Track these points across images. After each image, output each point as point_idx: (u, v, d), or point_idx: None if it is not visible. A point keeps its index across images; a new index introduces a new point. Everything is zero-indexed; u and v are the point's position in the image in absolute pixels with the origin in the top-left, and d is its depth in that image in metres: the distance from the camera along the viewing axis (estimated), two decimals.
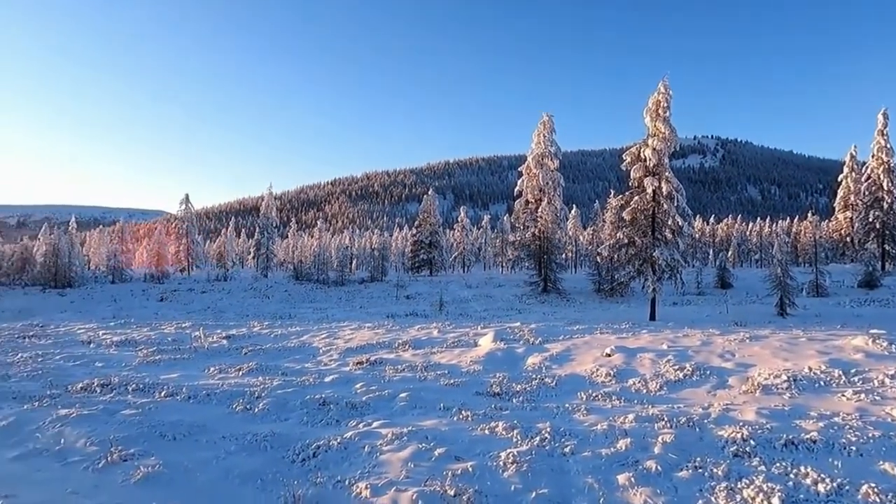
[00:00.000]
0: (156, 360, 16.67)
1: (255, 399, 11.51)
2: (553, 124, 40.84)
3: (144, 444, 9.14)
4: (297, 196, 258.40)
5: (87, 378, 13.67)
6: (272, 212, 55.40)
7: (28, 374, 14.50)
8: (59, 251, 45.42)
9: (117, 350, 18.90)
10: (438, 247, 55.37)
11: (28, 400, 11.69)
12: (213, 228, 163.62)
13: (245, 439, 9.28)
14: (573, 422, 9.87)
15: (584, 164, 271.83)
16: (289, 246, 64.07)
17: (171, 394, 11.99)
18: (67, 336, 22.53)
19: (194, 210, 56.57)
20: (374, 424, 9.92)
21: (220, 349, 18.66)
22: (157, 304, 36.75)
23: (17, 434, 9.87)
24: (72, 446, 9.23)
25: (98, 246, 68.11)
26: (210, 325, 24.92)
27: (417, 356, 16.55)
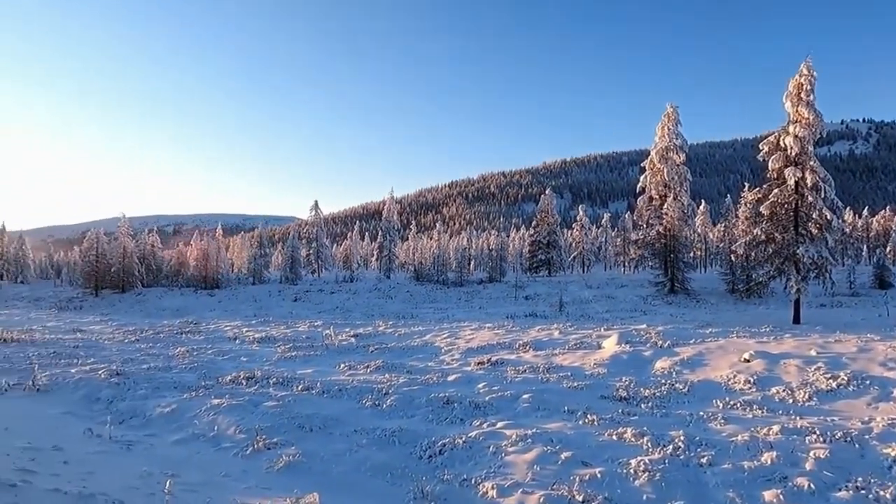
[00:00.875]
0: (292, 356, 17.88)
1: (382, 395, 11.97)
2: (678, 116, 38.71)
3: (285, 435, 9.83)
4: (416, 199, 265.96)
5: (234, 371, 14.94)
6: (393, 215, 57.42)
7: (185, 366, 16.13)
8: (208, 256, 50.26)
9: (259, 346, 20.51)
10: (557, 247, 54.46)
11: (186, 389, 13.01)
12: (340, 232, 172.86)
13: (375, 434, 9.67)
14: (709, 431, 9.26)
15: (712, 156, 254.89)
16: (409, 248, 66.13)
17: (307, 388, 12.78)
18: (216, 333, 24.82)
19: (322, 215, 60.02)
20: (497, 425, 9.93)
21: (348, 347, 19.63)
22: (291, 304, 39.45)
23: (178, 420, 11.02)
24: (223, 433, 10.14)
25: (240, 250, 74.45)
26: (339, 324, 26.31)
27: (538, 357, 16.36)
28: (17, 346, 20.85)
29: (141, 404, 12.09)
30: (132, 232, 52.57)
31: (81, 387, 13.64)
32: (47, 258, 79.12)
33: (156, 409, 11.57)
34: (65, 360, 17.27)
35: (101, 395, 12.97)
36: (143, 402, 12.18)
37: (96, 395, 13.03)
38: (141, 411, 11.65)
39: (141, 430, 10.59)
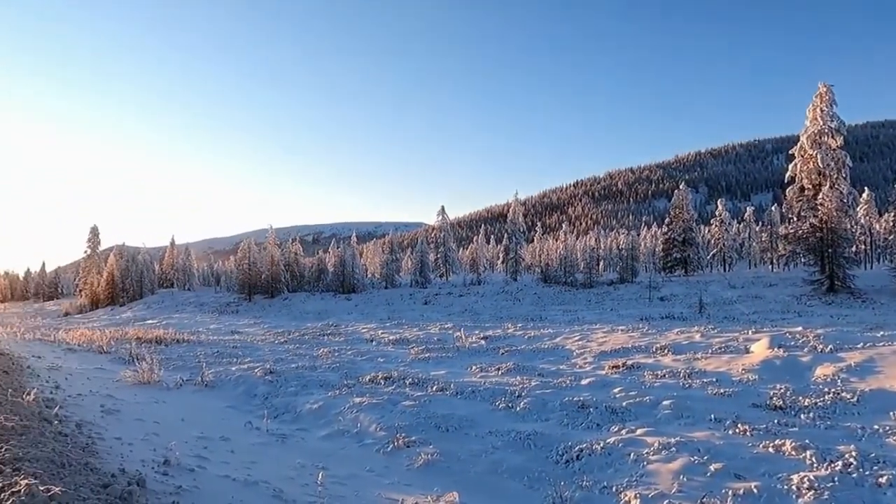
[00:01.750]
0: (425, 357, 18.43)
1: (515, 398, 11.96)
2: (832, 96, 34.85)
3: (423, 434, 10.14)
4: (541, 200, 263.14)
5: (372, 371, 15.70)
6: (518, 217, 57.26)
7: (329, 366, 17.21)
8: (345, 262, 53.32)
9: (394, 348, 21.39)
10: (693, 244, 51.23)
11: (331, 388, 13.87)
12: (465, 236, 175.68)
13: (510, 436, 9.68)
14: (887, 447, 8.20)
15: (874, 138, 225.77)
16: (535, 250, 65.46)
17: (441, 389, 13.10)
18: (354, 335, 26.25)
19: (449, 220, 61.33)
20: (637, 432, 9.53)
21: (479, 349, 19.87)
22: (422, 307, 40.71)
23: (324, 416, 11.78)
24: (366, 430, 10.68)
25: (373, 256, 78.21)
26: (469, 327, 26.71)
27: (678, 362, 15.49)
28: (188, 346, 23.49)
29: (292, 400, 13.09)
30: (278, 242, 57.15)
31: (241, 383, 15.04)
32: (208, 267, 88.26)
33: (305, 406, 12.46)
34: (226, 359, 19.16)
35: (257, 391, 14.22)
36: (294, 399, 13.17)
37: (253, 391, 14.30)
38: (292, 407, 12.60)
39: (293, 425, 11.45)
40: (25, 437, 6.75)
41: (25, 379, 12.63)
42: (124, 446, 7.80)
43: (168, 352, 21.15)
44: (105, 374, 15.97)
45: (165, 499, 5.56)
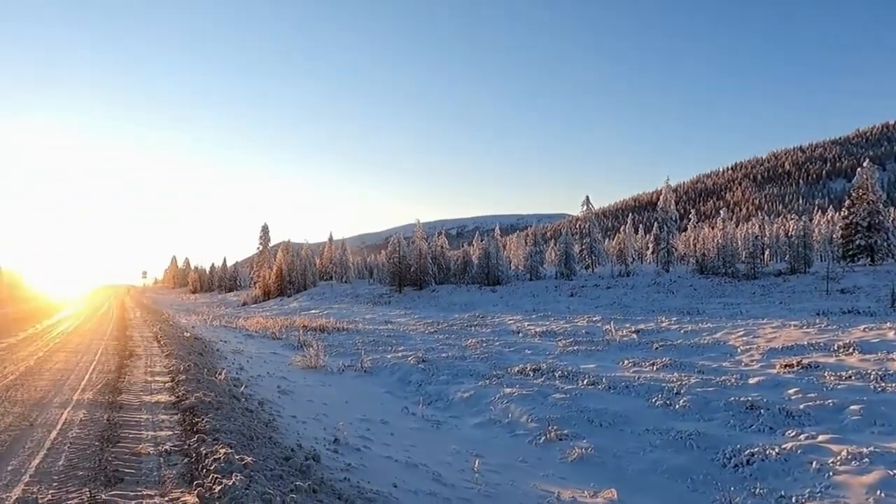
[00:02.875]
0: (574, 350, 18.08)
1: (673, 395, 11.30)
2: None
3: (575, 427, 9.95)
4: (694, 186, 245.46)
5: (520, 363, 15.72)
6: (670, 205, 54.04)
7: (477, 356, 17.52)
8: (489, 254, 53.97)
9: (540, 340, 21.25)
10: (881, 229, 44.78)
11: (480, 378, 14.11)
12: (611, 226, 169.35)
13: (669, 435, 9.18)
14: None
15: None
16: (689, 239, 61.36)
17: (592, 382, 12.76)
18: (501, 326, 26.47)
19: (594, 210, 59.52)
20: (819, 438, 8.56)
21: (630, 343, 19.08)
22: (567, 299, 39.99)
23: (476, 405, 12.02)
24: (517, 421, 10.72)
25: (516, 249, 78.23)
26: (618, 320, 25.75)
27: (867, 362, 13.67)
28: (347, 334, 25.23)
29: (444, 388, 13.52)
30: (425, 236, 59.30)
31: (396, 371, 15.82)
32: (362, 261, 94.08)
33: (456, 394, 12.81)
34: (381, 347, 20.29)
35: (411, 378, 14.87)
36: (446, 387, 13.59)
37: (408, 378, 14.97)
38: (444, 395, 13.02)
39: (445, 412, 11.83)
40: (220, 412, 7.66)
41: (216, 360, 14.35)
42: (299, 424, 8.56)
43: (330, 339, 22.86)
44: (278, 358, 17.67)
45: (338, 474, 6.00)
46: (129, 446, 6.12)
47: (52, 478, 5.11)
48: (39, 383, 9.91)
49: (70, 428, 6.84)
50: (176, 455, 5.84)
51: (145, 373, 11.29)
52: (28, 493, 4.73)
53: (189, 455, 5.78)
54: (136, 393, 9.17)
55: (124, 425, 7.03)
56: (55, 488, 4.84)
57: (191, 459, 5.64)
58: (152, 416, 7.54)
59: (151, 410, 7.91)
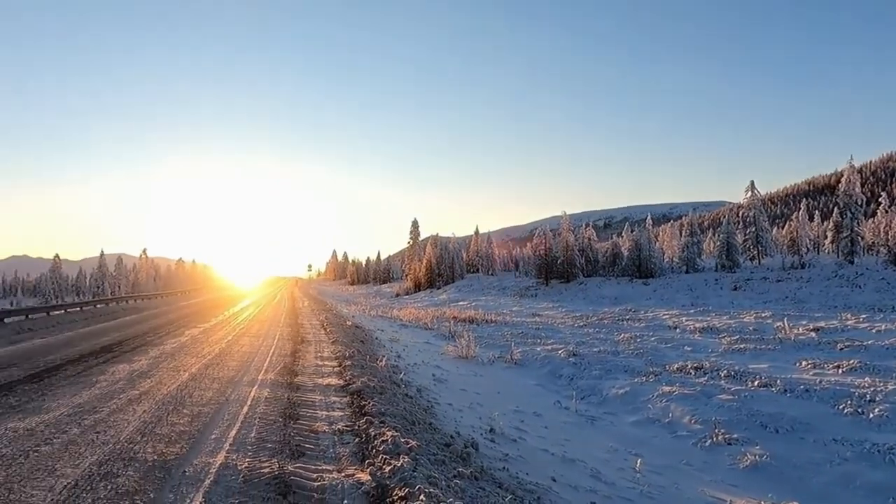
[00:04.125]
0: (740, 348, 16.66)
1: (865, 402, 9.98)
2: None
3: (745, 431, 9.18)
4: (884, 165, 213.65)
5: (679, 360, 14.83)
6: (855, 187, 47.57)
7: (631, 352, 16.82)
8: (640, 246, 51.47)
9: (700, 336, 19.85)
10: None
11: (635, 374, 13.54)
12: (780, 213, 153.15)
13: (862, 447, 8.12)
14: None
15: None
16: (878, 226, 53.68)
17: (765, 384, 11.66)
18: (655, 321, 25.14)
19: (760, 196, 54.25)
20: None
21: (807, 342, 17.15)
22: (730, 293, 36.93)
23: (632, 402, 11.54)
24: (678, 421, 10.13)
25: (670, 239, 73.84)
26: (792, 316, 23.25)
27: None
28: (495, 326, 25.50)
29: (596, 383, 13.16)
30: (571, 227, 58.02)
31: (546, 363, 15.69)
32: (507, 254, 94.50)
33: (610, 390, 12.40)
34: (530, 339, 20.23)
35: (562, 372, 14.67)
36: (598, 382, 13.22)
37: (558, 371, 14.78)
38: (598, 390, 12.66)
39: (599, 408, 11.50)
40: (383, 396, 8.12)
41: (376, 348, 15.25)
42: (455, 412, 8.82)
43: (479, 330, 23.25)
44: (431, 347, 18.34)
45: (496, 463, 6.09)
46: (307, 424, 6.71)
47: (246, 448, 5.76)
48: (230, 363, 11.23)
49: (258, 404, 7.66)
50: (348, 434, 6.30)
51: (315, 357, 12.30)
52: (229, 459, 5.38)
53: (359, 435, 6.20)
54: (309, 375, 10.03)
55: (301, 404, 7.72)
56: (250, 457, 5.45)
57: (361, 439, 6.04)
58: (325, 398, 8.19)
59: (324, 392, 8.60)
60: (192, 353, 12.81)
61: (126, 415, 7.05)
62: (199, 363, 11.22)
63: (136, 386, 8.91)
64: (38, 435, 6.19)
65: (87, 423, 6.64)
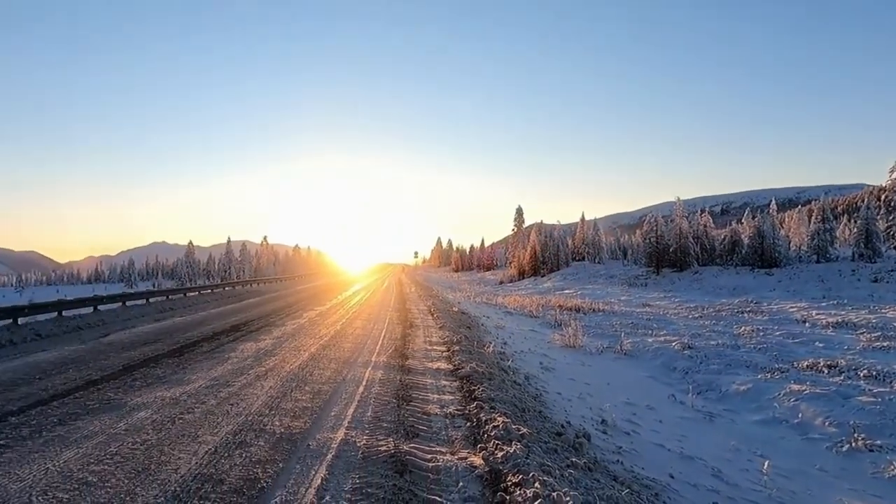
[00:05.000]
0: (882, 346, 15.06)
1: None
2: None
3: (891, 438, 8.31)
4: None
5: (810, 357, 13.67)
6: None
7: (753, 346, 15.72)
8: (763, 233, 47.82)
9: (834, 332, 18.16)
10: None
11: (759, 370, 12.64)
12: None
13: None
14: None
15: None
16: None
17: None
18: (780, 314, 23.32)
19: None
20: None
21: None
22: (870, 286, 33.43)
23: (755, 400, 10.79)
24: (809, 422, 9.34)
25: (797, 226, 68.03)
26: None
27: None
28: (603, 315, 24.82)
29: (714, 378, 12.43)
30: (685, 214, 55.04)
31: (659, 355, 15.05)
32: (615, 241, 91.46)
33: (731, 386, 11.66)
34: (641, 330, 19.48)
35: (676, 365, 14.00)
36: (717, 377, 12.48)
37: (672, 364, 14.13)
38: (716, 385, 11.96)
39: (718, 404, 10.86)
40: (492, 382, 8.17)
41: (482, 334, 15.36)
42: (564, 401, 8.69)
43: (586, 319, 22.72)
44: (537, 335, 18.18)
45: (610, 456, 5.94)
46: (419, 406, 6.89)
47: (363, 426, 6.02)
48: (345, 345, 11.78)
49: (372, 385, 7.98)
50: (459, 418, 6.40)
51: (424, 342, 12.60)
52: (349, 436, 5.65)
53: (470, 419, 6.28)
54: (419, 359, 10.29)
55: (413, 387, 7.94)
56: (367, 435, 5.69)
57: (472, 424, 6.12)
58: (435, 381, 8.38)
59: (434, 376, 8.80)
60: (311, 334, 13.57)
61: (255, 389, 7.61)
62: (317, 344, 11.87)
63: (263, 363, 9.59)
64: (181, 404, 6.84)
65: (222, 396, 7.24)
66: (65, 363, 9.83)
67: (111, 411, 6.53)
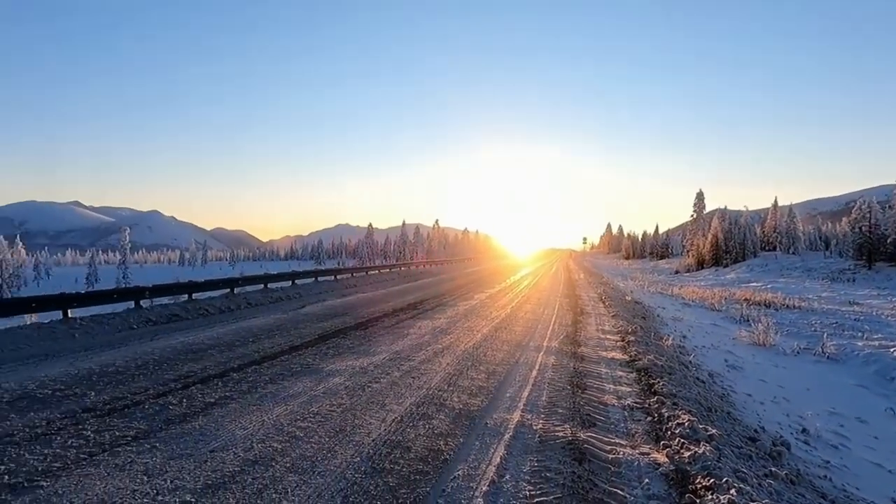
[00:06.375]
0: None
1: None
2: None
3: None
4: None
5: None
6: None
7: None
8: None
9: None
10: None
11: None
12: None
13: None
14: None
15: None
16: None
17: None
18: None
19: None
20: None
21: None
22: None
23: None
24: None
25: None
26: None
27: None
28: (800, 312, 22.20)
29: None
30: None
31: (871, 362, 13.08)
32: (814, 230, 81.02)
33: None
34: (848, 331, 17.08)
35: (894, 374, 12.08)
36: None
37: (889, 373, 12.20)
38: None
39: None
40: (672, 377, 7.71)
41: (658, 326, 14.57)
42: (756, 404, 7.94)
43: (778, 316, 20.47)
44: (720, 330, 16.79)
45: (815, 470, 5.31)
46: (594, 395, 6.73)
47: (538, 410, 6.03)
48: (516, 328, 11.89)
49: (545, 370, 7.96)
50: (638, 412, 6.14)
51: (597, 330, 12.27)
52: (524, 418, 5.70)
53: (650, 414, 5.99)
54: (592, 347, 10.05)
55: (587, 375, 7.78)
56: (542, 419, 5.69)
57: (653, 419, 5.83)
58: (610, 371, 8.12)
59: (608, 365, 8.53)
60: (482, 315, 13.92)
61: (433, 365, 7.99)
62: (489, 325, 12.14)
63: (439, 341, 10.04)
64: (369, 373, 7.41)
65: (404, 369, 7.72)
66: (271, 329, 11.17)
67: (311, 375, 7.28)
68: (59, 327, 10.79)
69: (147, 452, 4.61)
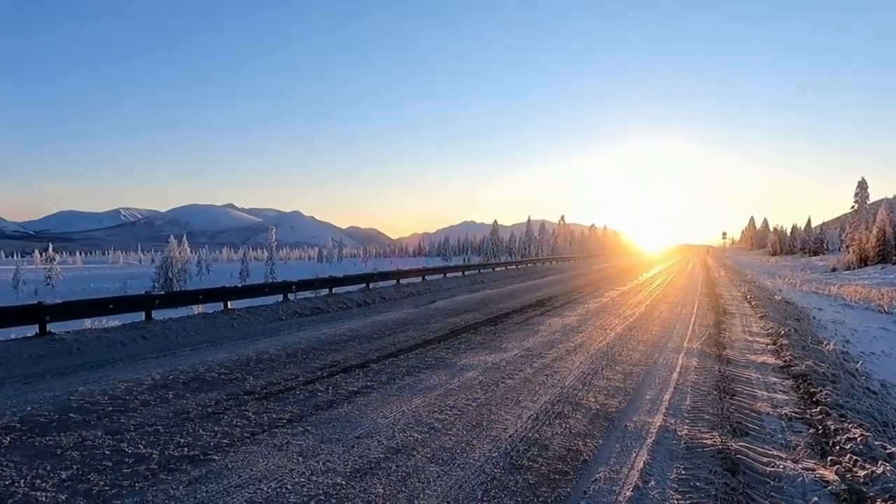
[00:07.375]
0: None
1: None
2: None
3: None
4: None
5: None
6: None
7: None
8: None
9: None
10: None
11: None
12: None
13: None
14: None
15: None
16: None
17: None
18: None
19: None
20: None
21: None
22: None
23: None
24: None
25: None
26: None
27: None
28: None
29: None
30: None
31: None
32: None
33: None
34: None
35: None
36: None
37: None
38: None
39: None
40: (837, 386, 6.94)
41: (815, 329, 13.20)
42: None
43: None
44: (891, 335, 14.86)
45: None
46: (745, 402, 6.23)
47: (682, 414, 5.70)
48: (652, 328, 11.35)
49: (687, 373, 7.51)
50: (797, 422, 5.59)
51: (743, 332, 11.37)
52: (667, 423, 5.41)
53: (812, 426, 5.43)
54: (738, 350, 9.33)
55: (735, 380, 7.22)
56: (688, 425, 5.37)
57: (816, 431, 5.28)
58: (761, 376, 7.48)
59: (759, 370, 7.86)
60: (614, 314, 13.45)
61: (566, 364, 7.84)
62: (622, 324, 11.70)
63: (570, 339, 9.84)
64: (502, 369, 7.44)
65: (536, 366, 7.65)
66: (405, 323, 11.59)
67: (445, 368, 7.45)
68: (220, 317, 11.99)
69: (301, 435, 4.96)
